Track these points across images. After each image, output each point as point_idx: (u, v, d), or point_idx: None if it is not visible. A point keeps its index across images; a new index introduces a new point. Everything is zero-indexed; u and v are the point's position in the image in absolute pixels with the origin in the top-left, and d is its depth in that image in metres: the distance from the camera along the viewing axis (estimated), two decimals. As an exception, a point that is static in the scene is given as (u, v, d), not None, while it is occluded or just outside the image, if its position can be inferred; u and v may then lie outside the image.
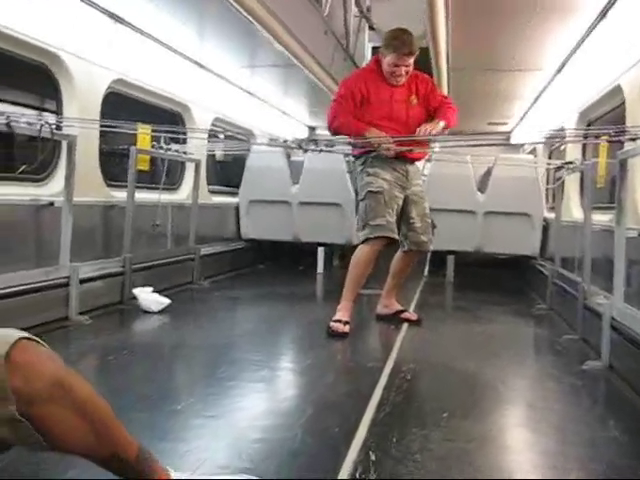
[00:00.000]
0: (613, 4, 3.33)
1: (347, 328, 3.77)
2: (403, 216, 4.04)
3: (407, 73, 3.91)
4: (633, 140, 2.92)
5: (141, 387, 2.61)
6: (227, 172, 7.38)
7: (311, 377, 2.96)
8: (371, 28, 8.66)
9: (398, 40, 3.85)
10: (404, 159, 3.98)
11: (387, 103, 3.91)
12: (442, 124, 3.84)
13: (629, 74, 3.91)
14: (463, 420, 2.37)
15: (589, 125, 5.48)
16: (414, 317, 4.22)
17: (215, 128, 6.65)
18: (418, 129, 3.81)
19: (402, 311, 4.27)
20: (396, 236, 3.95)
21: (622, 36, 3.80)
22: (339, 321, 3.79)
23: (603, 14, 3.51)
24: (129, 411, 2.12)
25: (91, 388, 1.38)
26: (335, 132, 4.03)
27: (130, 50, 4.60)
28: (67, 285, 3.72)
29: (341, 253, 7.30)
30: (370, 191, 3.93)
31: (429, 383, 2.97)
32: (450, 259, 6.65)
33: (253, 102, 7.16)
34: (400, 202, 3.99)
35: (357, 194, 4.16)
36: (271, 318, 4.42)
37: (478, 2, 3.76)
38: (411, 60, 3.87)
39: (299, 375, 3.09)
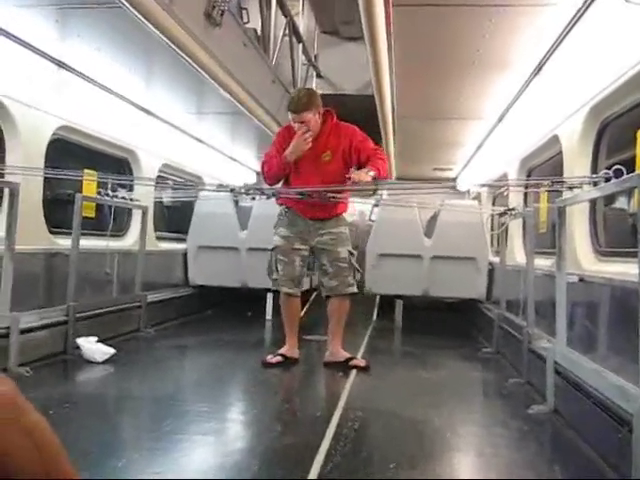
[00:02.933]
0: (546, 61, 3.48)
1: (275, 359, 4.18)
2: (317, 264, 4.33)
3: (311, 129, 4.04)
4: (570, 189, 3.01)
5: (82, 442, 2.52)
6: (175, 218, 7.33)
7: (259, 428, 2.92)
8: (319, 76, 8.84)
9: (290, 99, 4.18)
10: (304, 216, 4.22)
11: (302, 159, 4.09)
12: (372, 173, 3.90)
13: (565, 125, 4.07)
14: (411, 470, 2.37)
15: (530, 171, 5.65)
16: (362, 364, 4.22)
17: (163, 174, 6.62)
18: (351, 177, 3.89)
19: (351, 358, 4.27)
20: (283, 289, 4.28)
21: (557, 89, 3.96)
22: (272, 353, 4.23)
23: (538, 69, 3.66)
24: (69, 469, 2.04)
25: (41, 416, 1.35)
26: (270, 180, 4.24)
27: (76, 96, 4.57)
28: (7, 335, 3.58)
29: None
30: (270, 249, 4.36)
31: (377, 432, 2.95)
32: (398, 303, 6.69)
33: (201, 148, 7.16)
34: (305, 252, 4.27)
35: None
36: (218, 367, 4.35)
37: (420, 54, 3.87)
38: (305, 116, 4.01)
39: (247, 426, 3.05)
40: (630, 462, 2.08)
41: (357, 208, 9.28)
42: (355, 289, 4.27)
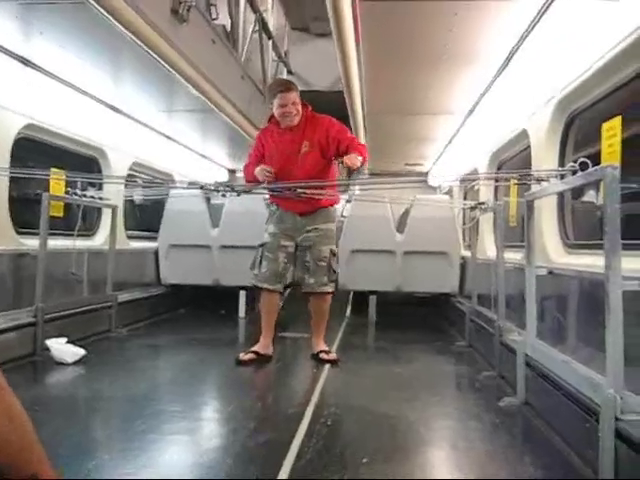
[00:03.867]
0: (514, 55, 3.51)
1: (247, 357, 4.20)
2: (298, 261, 4.31)
3: (298, 111, 4.10)
4: (538, 182, 3.04)
5: (52, 445, 2.45)
6: (146, 216, 7.26)
7: (232, 426, 2.90)
8: (289, 72, 8.83)
9: (274, 84, 4.35)
10: (292, 213, 4.25)
11: (278, 155, 4.14)
12: (360, 158, 3.89)
13: (533, 119, 4.11)
14: (384, 464, 2.37)
15: (500, 166, 5.69)
16: (328, 357, 4.26)
17: (133, 172, 6.56)
18: (346, 163, 3.84)
19: (321, 351, 4.31)
20: (262, 285, 4.30)
21: (525, 83, 3.99)
22: (246, 351, 4.26)
23: (506, 63, 3.68)
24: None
25: (17, 399, 1.34)
26: (251, 184, 4.32)
27: (42, 95, 4.50)
28: (-26, 338, 3.54)
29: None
30: (259, 244, 4.36)
31: (350, 427, 2.95)
32: (372, 299, 6.71)
33: (172, 146, 7.10)
34: (290, 249, 4.28)
35: None
36: (192, 365, 4.32)
37: (388, 50, 3.86)
38: (292, 95, 4.07)
39: (220, 424, 3.04)
40: (597, 451, 2.10)
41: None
42: (329, 289, 4.29)
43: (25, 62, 4.09)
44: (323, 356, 4.26)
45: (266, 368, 4.21)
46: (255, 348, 4.29)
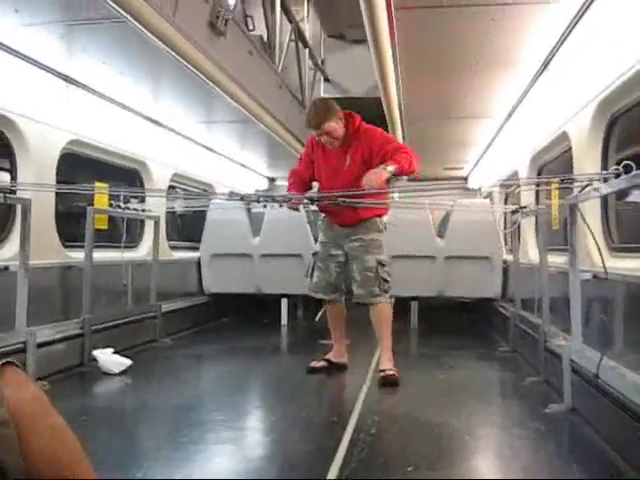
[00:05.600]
0: (552, 57, 3.46)
1: (319, 364, 4.22)
2: (347, 271, 4.23)
3: (337, 137, 3.99)
4: (582, 187, 2.99)
5: (99, 454, 2.52)
6: (188, 227, 7.35)
7: (276, 436, 2.92)
8: (326, 80, 8.85)
9: (307, 116, 4.09)
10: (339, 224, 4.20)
11: (324, 168, 4.11)
12: (391, 168, 3.69)
13: (574, 121, 4.04)
14: (430, 473, 2.36)
15: (541, 168, 5.62)
16: (381, 376, 3.96)
17: (174, 183, 6.65)
18: (364, 182, 3.69)
19: (380, 371, 4.04)
20: (316, 295, 4.30)
21: (565, 85, 3.93)
22: (316, 359, 4.28)
23: (544, 66, 3.64)
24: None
25: (64, 420, 1.41)
26: (290, 186, 4.30)
27: (85, 110, 4.60)
28: (24, 350, 3.61)
29: (305, 303, 7.29)
30: (312, 253, 4.41)
31: (394, 436, 2.94)
32: (413, 305, 6.66)
33: (212, 156, 7.19)
34: (340, 258, 4.22)
35: None
36: (235, 375, 4.35)
37: (424, 55, 3.85)
38: (325, 127, 3.92)
39: (264, 434, 3.05)
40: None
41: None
42: (382, 299, 4.08)
43: (68, 80, 4.20)
44: (379, 375, 3.97)
45: (308, 377, 4.19)
46: (328, 356, 4.29)
